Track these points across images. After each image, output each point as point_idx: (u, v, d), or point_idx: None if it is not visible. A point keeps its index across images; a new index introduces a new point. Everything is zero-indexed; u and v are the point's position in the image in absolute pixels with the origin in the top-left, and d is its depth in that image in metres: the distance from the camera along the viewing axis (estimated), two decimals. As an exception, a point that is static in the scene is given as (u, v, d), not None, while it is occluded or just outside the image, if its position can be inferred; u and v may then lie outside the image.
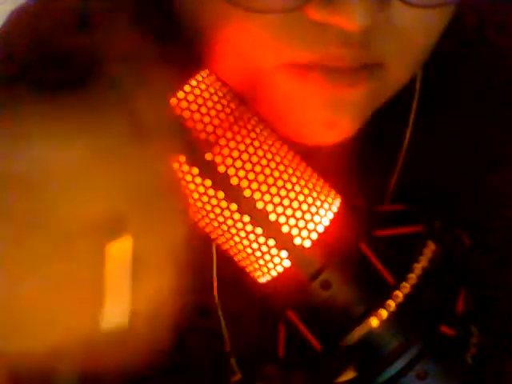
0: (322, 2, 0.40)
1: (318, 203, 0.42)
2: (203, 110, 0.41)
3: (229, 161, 0.41)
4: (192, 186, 0.41)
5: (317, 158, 0.44)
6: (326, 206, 0.42)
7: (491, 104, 0.55)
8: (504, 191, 0.54)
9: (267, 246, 0.41)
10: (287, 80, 0.43)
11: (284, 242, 0.41)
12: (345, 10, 0.39)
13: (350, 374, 0.44)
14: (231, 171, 0.41)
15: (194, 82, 0.41)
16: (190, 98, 0.41)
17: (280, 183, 0.41)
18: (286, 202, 0.41)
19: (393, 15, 0.42)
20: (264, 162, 0.41)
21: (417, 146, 0.53)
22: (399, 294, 0.42)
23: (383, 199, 0.53)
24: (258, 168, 0.41)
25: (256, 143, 0.41)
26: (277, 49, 0.42)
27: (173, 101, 0.41)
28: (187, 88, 0.41)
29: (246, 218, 0.41)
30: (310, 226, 0.41)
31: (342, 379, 0.44)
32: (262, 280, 0.43)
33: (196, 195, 0.41)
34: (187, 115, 0.41)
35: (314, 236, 0.41)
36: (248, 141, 0.41)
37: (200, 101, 0.41)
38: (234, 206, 0.41)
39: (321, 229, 0.42)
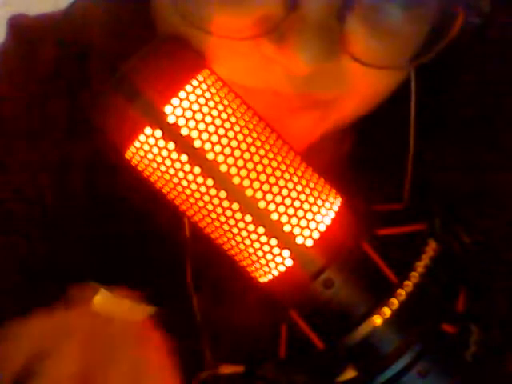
0: (275, 37, 0.41)
1: (320, 202, 0.42)
2: (205, 109, 0.41)
3: (230, 160, 0.41)
4: (194, 186, 0.41)
5: (318, 157, 0.44)
6: (327, 205, 0.42)
7: (491, 105, 0.55)
8: (504, 191, 0.54)
9: (269, 245, 0.41)
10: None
11: (286, 241, 0.41)
12: (293, 50, 0.41)
13: (351, 373, 0.44)
14: (233, 170, 0.41)
15: (195, 83, 0.42)
16: (192, 98, 0.41)
17: (282, 182, 0.41)
18: (287, 201, 0.41)
19: (343, 64, 0.43)
20: (266, 161, 0.41)
21: (418, 146, 0.54)
22: (402, 293, 0.42)
23: (384, 198, 0.53)
24: (259, 167, 0.41)
25: (257, 143, 0.41)
26: (229, 72, 0.43)
27: (174, 100, 0.41)
28: (189, 88, 0.41)
29: (248, 218, 0.41)
30: (312, 225, 0.42)
31: (343, 378, 0.44)
32: (264, 279, 0.43)
33: (198, 195, 0.41)
34: (189, 115, 0.41)
35: (316, 235, 0.42)
36: (250, 140, 0.41)
37: (202, 101, 0.41)
38: (235, 206, 0.41)
39: (322, 228, 0.42)
